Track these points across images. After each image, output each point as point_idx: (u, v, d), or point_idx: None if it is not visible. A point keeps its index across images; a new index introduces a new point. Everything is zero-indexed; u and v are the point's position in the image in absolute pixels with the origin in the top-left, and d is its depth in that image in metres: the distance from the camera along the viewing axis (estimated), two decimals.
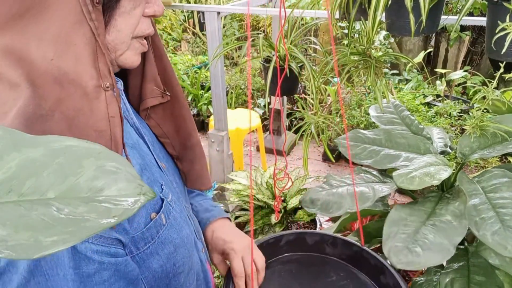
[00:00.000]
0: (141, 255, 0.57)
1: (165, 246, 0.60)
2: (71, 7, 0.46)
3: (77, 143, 0.31)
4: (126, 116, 0.62)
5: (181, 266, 0.64)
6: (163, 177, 0.65)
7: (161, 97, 0.66)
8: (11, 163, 0.27)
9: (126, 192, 0.29)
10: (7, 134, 0.29)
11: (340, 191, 1.09)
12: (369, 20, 0.72)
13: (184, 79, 3.89)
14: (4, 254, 0.23)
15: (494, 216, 0.81)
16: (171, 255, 0.61)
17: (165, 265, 0.61)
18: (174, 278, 0.63)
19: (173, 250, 0.61)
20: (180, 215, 0.65)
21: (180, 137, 0.70)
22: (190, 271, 0.67)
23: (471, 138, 1.04)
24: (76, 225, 0.25)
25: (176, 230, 0.62)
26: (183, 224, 0.65)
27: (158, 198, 0.60)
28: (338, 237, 0.87)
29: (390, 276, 0.78)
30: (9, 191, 0.26)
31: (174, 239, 0.62)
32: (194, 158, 0.73)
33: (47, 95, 0.46)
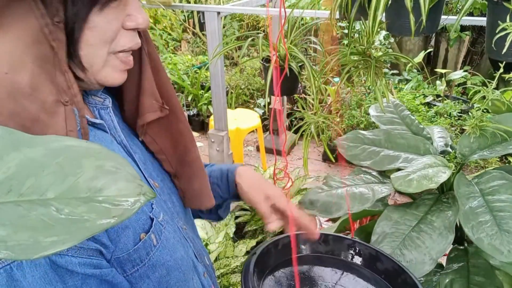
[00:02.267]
0: (128, 278, 0.54)
1: (157, 269, 0.57)
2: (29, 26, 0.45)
3: (77, 143, 0.31)
4: (114, 134, 0.61)
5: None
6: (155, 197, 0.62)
7: (159, 111, 0.64)
8: (10, 163, 0.27)
9: (126, 192, 0.29)
10: (6, 134, 0.29)
11: (339, 192, 1.09)
12: (369, 20, 0.72)
13: (184, 79, 3.89)
14: (4, 254, 0.23)
15: (491, 220, 0.81)
16: (163, 278, 0.58)
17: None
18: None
19: (165, 274, 0.58)
20: (173, 235, 0.62)
21: (177, 153, 0.68)
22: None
23: (471, 139, 1.04)
24: (75, 225, 0.25)
25: (169, 252, 0.59)
26: (178, 245, 0.62)
27: (147, 217, 0.57)
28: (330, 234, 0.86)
29: (386, 261, 0.78)
30: (8, 191, 0.25)
31: (167, 261, 0.58)
32: (192, 175, 0.70)
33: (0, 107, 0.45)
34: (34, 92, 0.46)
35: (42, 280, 0.45)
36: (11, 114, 0.45)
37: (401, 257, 0.87)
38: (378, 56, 0.92)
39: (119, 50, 0.54)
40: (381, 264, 0.79)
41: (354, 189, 1.07)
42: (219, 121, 2.28)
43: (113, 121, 0.61)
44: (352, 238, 0.85)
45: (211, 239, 1.88)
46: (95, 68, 0.53)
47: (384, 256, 0.79)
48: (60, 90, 0.48)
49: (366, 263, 0.82)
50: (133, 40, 0.55)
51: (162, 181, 0.67)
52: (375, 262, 0.80)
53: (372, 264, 0.81)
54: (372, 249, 0.82)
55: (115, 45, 0.53)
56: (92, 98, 0.60)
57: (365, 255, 0.82)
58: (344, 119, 3.09)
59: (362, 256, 0.82)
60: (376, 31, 0.74)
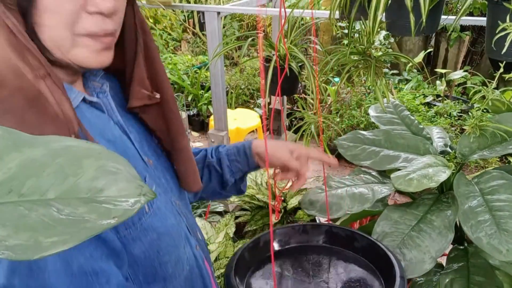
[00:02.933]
0: (122, 239, 0.57)
1: (148, 233, 0.61)
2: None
3: (77, 143, 0.31)
4: (111, 115, 0.65)
5: (166, 255, 0.64)
6: (149, 171, 0.67)
7: (147, 99, 0.67)
8: (11, 164, 0.27)
9: (127, 192, 0.29)
10: (7, 134, 0.29)
11: (339, 192, 1.09)
12: (369, 20, 0.72)
13: (184, 79, 3.89)
14: (4, 255, 0.23)
15: (490, 219, 0.81)
16: (154, 242, 0.62)
17: (147, 251, 0.61)
18: (161, 268, 0.64)
19: (156, 238, 0.62)
20: (165, 206, 0.66)
21: (169, 137, 0.73)
22: (178, 261, 0.67)
23: (471, 138, 1.04)
24: (76, 225, 0.25)
25: (160, 219, 0.63)
26: (169, 214, 0.66)
27: None
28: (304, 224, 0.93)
29: (361, 239, 0.85)
30: (9, 192, 0.25)
31: (158, 227, 0.62)
32: (179, 160, 0.75)
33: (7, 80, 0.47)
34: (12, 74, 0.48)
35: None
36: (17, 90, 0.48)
37: (401, 256, 0.87)
38: (378, 56, 0.92)
39: (83, 33, 0.54)
40: (357, 243, 0.87)
41: (354, 189, 1.08)
42: (219, 121, 2.29)
43: (111, 103, 0.65)
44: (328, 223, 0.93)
45: (211, 239, 1.88)
46: (63, 49, 0.54)
47: (359, 235, 0.87)
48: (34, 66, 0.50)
49: (344, 244, 0.89)
50: (99, 25, 0.55)
51: (156, 159, 0.72)
52: (352, 242, 0.87)
53: (350, 244, 0.88)
54: (348, 230, 0.89)
55: (77, 28, 0.53)
56: (91, 83, 0.64)
57: (343, 237, 0.89)
58: (344, 119, 3.09)
59: (340, 239, 0.90)
60: (376, 31, 0.74)
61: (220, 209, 2.21)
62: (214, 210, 2.19)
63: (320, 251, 0.90)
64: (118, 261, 0.56)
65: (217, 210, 2.20)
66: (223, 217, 2.08)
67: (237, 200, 2.20)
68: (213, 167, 0.92)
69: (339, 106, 3.19)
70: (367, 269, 0.84)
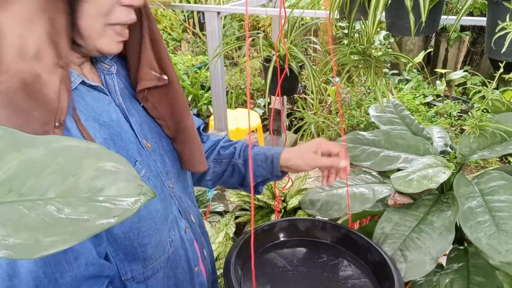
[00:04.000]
0: None
1: None
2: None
3: (77, 143, 0.31)
4: (114, 97, 0.68)
5: (146, 237, 0.67)
6: (142, 155, 0.69)
7: (157, 80, 0.71)
8: (11, 163, 0.27)
9: (126, 192, 0.29)
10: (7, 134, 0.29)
11: (340, 192, 1.09)
12: (369, 19, 0.72)
13: (184, 79, 3.89)
14: (4, 254, 0.23)
15: (490, 220, 0.81)
16: (134, 225, 0.64)
17: (128, 233, 0.64)
18: (141, 248, 0.67)
19: (137, 221, 0.65)
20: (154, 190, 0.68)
21: (173, 120, 0.75)
22: (158, 244, 0.70)
23: (471, 139, 1.04)
24: (76, 225, 0.25)
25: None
26: (154, 200, 0.68)
27: None
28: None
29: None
30: (9, 191, 0.26)
31: (139, 211, 0.64)
32: (185, 141, 0.77)
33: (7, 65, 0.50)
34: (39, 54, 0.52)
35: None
36: (18, 72, 0.50)
37: (402, 257, 0.87)
38: (378, 56, 0.92)
39: (114, 22, 0.60)
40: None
41: (354, 189, 1.08)
42: (219, 121, 2.29)
43: (115, 85, 0.69)
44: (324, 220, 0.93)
45: (211, 239, 1.88)
46: (93, 37, 0.59)
47: (355, 234, 0.87)
48: (59, 55, 0.54)
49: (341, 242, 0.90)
50: (128, 15, 0.62)
51: (156, 143, 0.74)
52: (348, 241, 0.88)
53: (346, 243, 0.88)
54: (344, 228, 0.89)
55: (110, 18, 0.59)
56: (100, 64, 0.69)
57: (339, 235, 0.90)
58: (344, 119, 3.09)
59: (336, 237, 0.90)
60: (376, 31, 0.74)
61: (220, 209, 2.22)
62: (214, 210, 2.19)
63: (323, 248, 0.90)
64: (96, 240, 0.60)
65: (217, 210, 2.20)
66: (223, 217, 2.08)
67: (237, 200, 2.20)
68: (237, 167, 0.94)
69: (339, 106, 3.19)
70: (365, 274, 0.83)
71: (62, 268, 0.55)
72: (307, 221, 0.93)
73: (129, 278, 0.68)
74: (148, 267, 0.70)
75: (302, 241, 0.91)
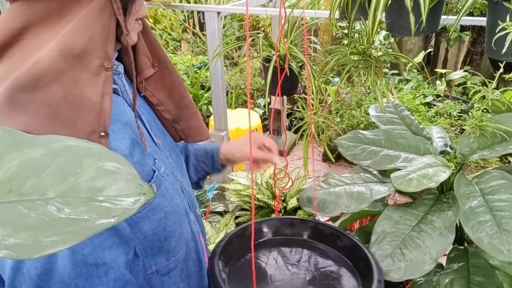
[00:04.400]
0: (132, 217, 0.62)
1: (156, 212, 0.65)
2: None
3: (77, 143, 0.31)
4: (125, 97, 0.69)
5: (171, 231, 0.69)
6: (158, 152, 0.71)
7: (152, 68, 0.73)
8: (11, 163, 0.27)
9: (126, 192, 0.29)
10: (7, 134, 0.29)
11: (337, 190, 1.09)
12: (369, 19, 0.72)
13: (184, 79, 3.89)
14: (4, 253, 0.23)
15: (491, 220, 0.81)
16: (161, 220, 0.66)
17: (156, 228, 0.66)
18: (166, 242, 0.68)
19: (163, 216, 0.67)
20: (172, 186, 0.70)
21: (173, 101, 0.77)
22: (180, 237, 0.72)
23: (471, 138, 1.04)
24: (76, 225, 0.25)
25: (167, 199, 0.67)
26: (175, 195, 0.71)
27: (150, 169, 0.66)
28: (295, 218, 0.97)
29: (346, 239, 0.87)
30: (9, 191, 0.25)
31: (165, 207, 0.67)
32: (189, 115, 0.80)
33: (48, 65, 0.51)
34: (84, 55, 0.53)
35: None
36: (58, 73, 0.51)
37: (401, 256, 0.87)
38: (378, 56, 0.92)
39: (139, 17, 0.64)
40: (340, 241, 0.88)
41: (352, 188, 1.08)
42: (219, 121, 2.29)
43: (125, 85, 0.70)
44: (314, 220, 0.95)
45: (211, 239, 1.88)
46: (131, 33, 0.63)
47: (342, 234, 0.88)
48: (107, 56, 0.56)
49: (327, 241, 0.91)
50: (145, 9, 0.65)
51: (163, 139, 0.77)
52: (335, 240, 0.89)
53: (333, 242, 0.90)
54: (333, 228, 0.91)
55: (139, 13, 0.63)
56: None
57: (327, 234, 0.91)
58: (344, 119, 3.09)
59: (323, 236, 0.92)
60: (376, 31, 0.74)
61: (220, 209, 2.22)
62: (214, 210, 2.19)
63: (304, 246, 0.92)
64: (127, 248, 0.61)
65: (217, 210, 2.20)
66: (223, 217, 2.08)
67: (237, 200, 2.20)
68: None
69: (339, 106, 3.19)
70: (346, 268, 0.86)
71: (93, 282, 0.56)
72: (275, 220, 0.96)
73: (154, 272, 0.69)
74: (171, 260, 0.71)
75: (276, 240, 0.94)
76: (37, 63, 0.51)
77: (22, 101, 0.50)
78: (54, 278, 0.53)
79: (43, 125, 0.50)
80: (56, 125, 0.51)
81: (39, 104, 0.50)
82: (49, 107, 0.51)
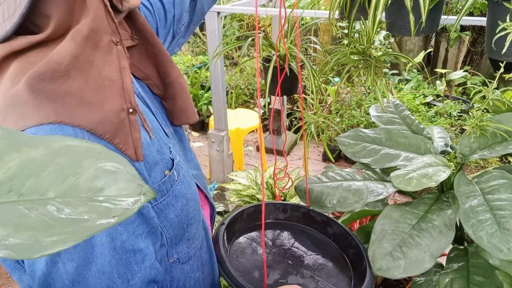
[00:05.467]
0: (159, 205, 0.63)
1: (179, 199, 0.66)
2: None
3: (77, 143, 0.31)
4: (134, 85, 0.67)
5: (192, 218, 0.70)
6: (170, 142, 0.70)
7: (131, 40, 0.70)
8: (11, 163, 0.27)
9: (126, 192, 0.29)
10: (7, 134, 0.29)
11: (334, 185, 1.09)
12: (369, 19, 0.72)
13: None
14: (4, 253, 0.23)
15: (491, 218, 0.81)
16: (184, 207, 0.67)
17: (179, 215, 0.66)
18: (187, 229, 0.69)
19: (185, 203, 0.67)
20: (187, 173, 0.71)
21: (160, 76, 0.74)
22: (199, 222, 0.73)
23: (471, 138, 1.04)
24: (76, 225, 0.25)
25: (186, 186, 0.68)
26: (191, 181, 0.71)
27: (168, 158, 0.65)
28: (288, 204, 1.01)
29: (336, 226, 0.93)
30: (9, 191, 0.25)
31: (185, 193, 0.67)
32: (174, 94, 0.76)
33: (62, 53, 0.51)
34: (92, 34, 0.53)
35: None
36: (72, 58, 0.51)
37: (401, 254, 0.87)
38: (378, 56, 0.92)
39: None
40: (331, 228, 0.94)
41: (351, 185, 1.08)
42: (219, 121, 2.29)
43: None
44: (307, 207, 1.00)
45: None
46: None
47: (333, 222, 0.94)
48: (112, 31, 0.55)
49: (318, 227, 0.97)
50: None
51: (168, 127, 0.75)
52: (326, 227, 0.95)
53: (324, 228, 0.96)
54: (324, 215, 0.96)
55: None
56: None
57: (318, 221, 0.97)
58: (344, 119, 3.09)
59: (315, 222, 0.97)
60: (376, 31, 0.74)
61: (220, 209, 2.22)
62: None
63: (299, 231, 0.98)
64: (155, 238, 0.62)
65: (217, 210, 2.20)
66: (223, 217, 2.08)
67: (237, 200, 2.20)
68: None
69: (339, 106, 3.19)
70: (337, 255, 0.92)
71: (132, 269, 0.56)
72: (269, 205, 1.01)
73: (175, 260, 0.69)
74: (192, 246, 0.71)
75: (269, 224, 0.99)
76: (52, 55, 0.51)
77: (45, 92, 0.50)
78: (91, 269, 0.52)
79: (73, 113, 0.50)
80: (85, 111, 0.51)
81: (62, 94, 0.51)
82: (73, 96, 0.51)
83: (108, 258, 0.53)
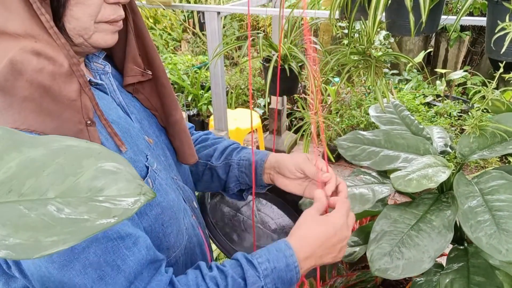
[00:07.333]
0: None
1: (153, 208, 0.65)
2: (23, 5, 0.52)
3: (77, 143, 0.31)
4: (113, 96, 0.69)
5: (169, 227, 0.69)
6: (150, 150, 0.71)
7: (141, 76, 0.72)
8: (11, 163, 0.27)
9: (126, 192, 0.29)
10: (7, 134, 0.29)
11: None
12: (369, 19, 0.72)
13: (184, 79, 3.89)
14: (4, 253, 0.23)
15: (490, 219, 0.81)
16: (158, 216, 0.66)
17: (153, 224, 0.65)
18: (165, 239, 0.68)
19: (160, 212, 0.66)
20: (166, 182, 0.71)
21: (164, 112, 0.77)
22: (178, 232, 0.72)
23: (471, 139, 1.04)
24: (76, 225, 0.25)
25: (162, 194, 0.67)
26: (169, 190, 0.71)
27: (143, 166, 0.66)
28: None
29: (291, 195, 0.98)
30: (9, 191, 0.26)
31: (161, 202, 0.67)
32: (174, 134, 0.79)
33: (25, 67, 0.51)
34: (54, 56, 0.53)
35: None
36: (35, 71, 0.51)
37: (399, 254, 0.87)
38: (378, 56, 0.92)
39: (104, 21, 0.60)
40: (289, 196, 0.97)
41: (354, 190, 1.07)
42: (219, 121, 2.29)
43: (113, 84, 0.69)
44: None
45: None
46: (85, 36, 0.60)
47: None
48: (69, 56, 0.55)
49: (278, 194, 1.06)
50: (116, 12, 0.62)
51: (157, 137, 0.76)
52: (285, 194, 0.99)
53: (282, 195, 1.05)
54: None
55: (99, 17, 0.60)
56: (94, 65, 0.69)
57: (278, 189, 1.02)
58: (344, 119, 3.09)
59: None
60: (376, 31, 0.74)
61: None
62: None
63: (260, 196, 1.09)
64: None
65: None
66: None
67: None
68: (215, 171, 0.91)
69: (339, 106, 3.19)
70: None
71: (123, 255, 0.56)
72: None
73: None
74: (172, 256, 0.71)
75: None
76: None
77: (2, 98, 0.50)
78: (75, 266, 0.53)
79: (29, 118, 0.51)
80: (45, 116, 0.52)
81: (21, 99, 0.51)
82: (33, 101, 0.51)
83: (93, 249, 0.54)
